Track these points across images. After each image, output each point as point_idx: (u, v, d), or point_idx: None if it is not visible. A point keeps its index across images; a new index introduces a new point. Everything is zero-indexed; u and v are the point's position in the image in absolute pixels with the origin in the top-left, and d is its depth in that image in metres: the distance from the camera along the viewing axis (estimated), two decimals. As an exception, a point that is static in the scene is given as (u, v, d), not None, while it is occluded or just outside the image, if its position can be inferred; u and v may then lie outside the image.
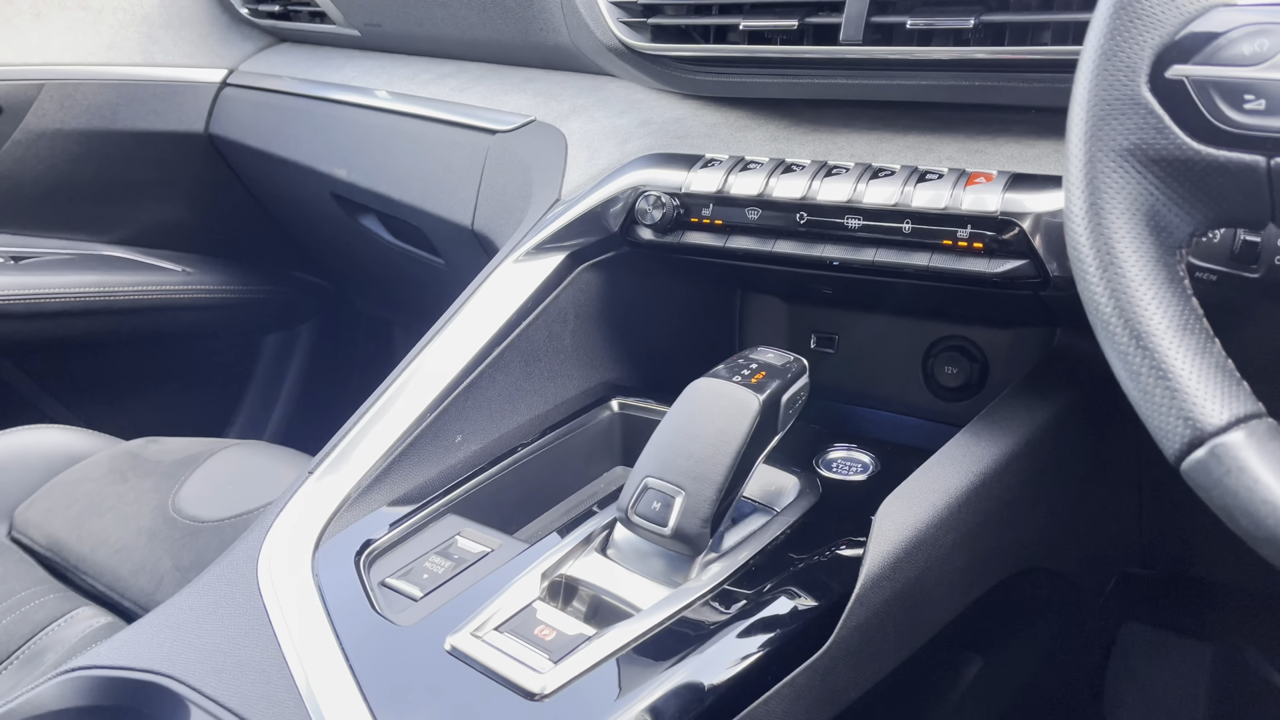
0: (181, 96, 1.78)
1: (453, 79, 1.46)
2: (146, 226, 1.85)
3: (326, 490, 0.84)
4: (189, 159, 1.82)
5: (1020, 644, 1.14)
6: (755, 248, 0.98)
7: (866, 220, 0.92)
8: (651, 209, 1.00)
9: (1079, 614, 1.24)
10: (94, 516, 1.23)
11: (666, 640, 0.70)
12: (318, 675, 0.67)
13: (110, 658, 0.70)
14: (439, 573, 0.78)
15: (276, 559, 0.78)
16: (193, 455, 1.32)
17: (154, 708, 0.67)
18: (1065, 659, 1.27)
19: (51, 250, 1.77)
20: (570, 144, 1.17)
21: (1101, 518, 1.14)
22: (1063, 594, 1.16)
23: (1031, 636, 1.16)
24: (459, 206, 1.33)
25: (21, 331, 1.65)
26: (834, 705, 0.76)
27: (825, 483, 0.90)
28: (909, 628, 0.82)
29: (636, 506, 0.77)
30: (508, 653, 0.69)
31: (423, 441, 0.90)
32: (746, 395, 0.79)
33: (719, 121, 1.10)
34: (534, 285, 1.02)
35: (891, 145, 0.98)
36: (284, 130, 1.67)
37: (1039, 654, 1.19)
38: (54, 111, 1.68)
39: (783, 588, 0.76)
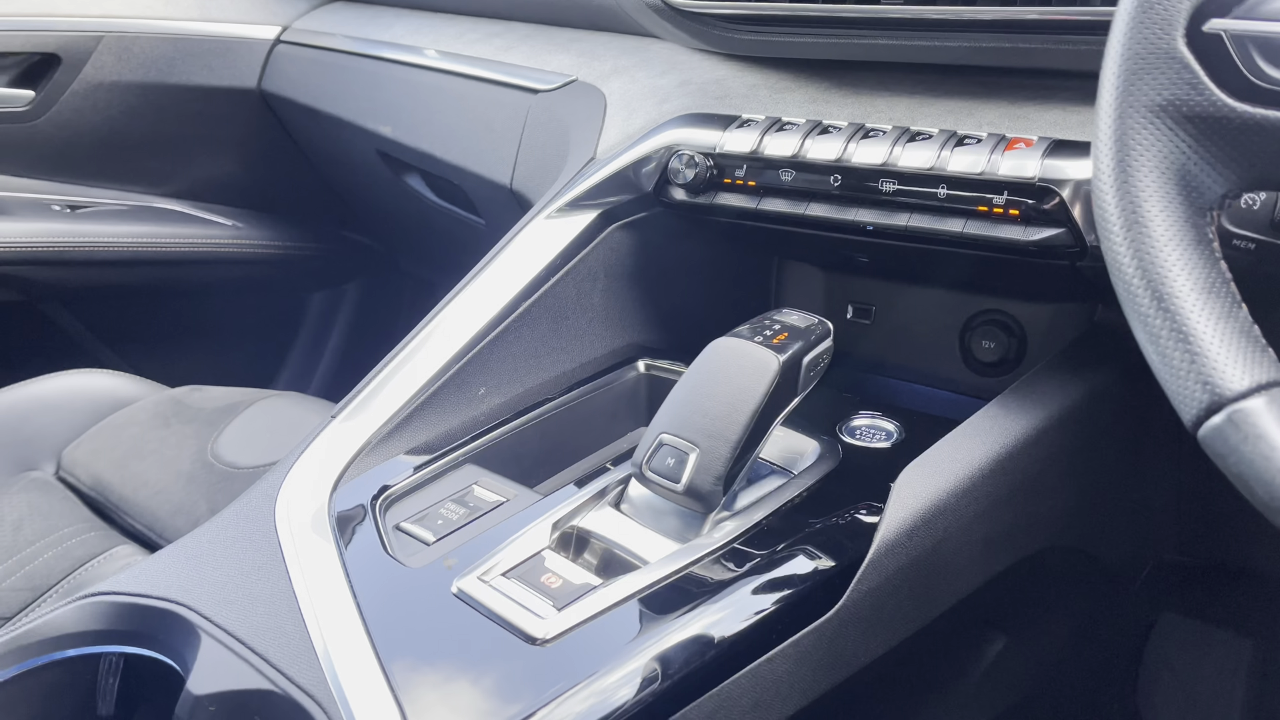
0: (235, 52, 1.80)
1: (499, 38, 1.46)
2: (198, 180, 1.89)
3: (348, 434, 0.86)
4: (241, 114, 1.84)
5: (1047, 625, 1.12)
6: (788, 210, 0.96)
7: (901, 184, 0.90)
8: (684, 168, 0.99)
9: (1112, 599, 1.21)
10: (136, 459, 1.26)
11: (672, 593, 0.70)
12: (325, 610, 0.68)
13: (128, 585, 0.72)
14: (453, 519, 0.79)
15: (294, 498, 0.79)
16: (233, 404, 1.35)
17: (167, 634, 0.69)
18: (1097, 644, 1.24)
19: (107, 201, 1.81)
20: (609, 103, 1.17)
21: (1137, 501, 1.12)
22: (1094, 576, 1.14)
23: (1059, 617, 1.14)
24: (499, 165, 1.34)
25: (77, 278, 1.70)
26: (841, 670, 0.75)
27: (847, 449, 0.89)
28: (924, 597, 0.81)
29: (651, 462, 0.77)
30: (513, 598, 0.69)
31: (446, 392, 0.91)
32: (767, 355, 0.78)
33: (758, 83, 1.08)
34: (564, 242, 1.01)
35: (932, 109, 0.96)
36: (333, 87, 1.69)
37: (1067, 636, 1.17)
38: (112, 64, 1.72)
39: (795, 549, 0.75)
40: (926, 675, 0.95)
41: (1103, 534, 1.07)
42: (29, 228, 1.63)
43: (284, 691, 0.62)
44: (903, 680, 0.90)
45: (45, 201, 1.73)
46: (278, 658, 0.64)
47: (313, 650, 0.65)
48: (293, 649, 0.65)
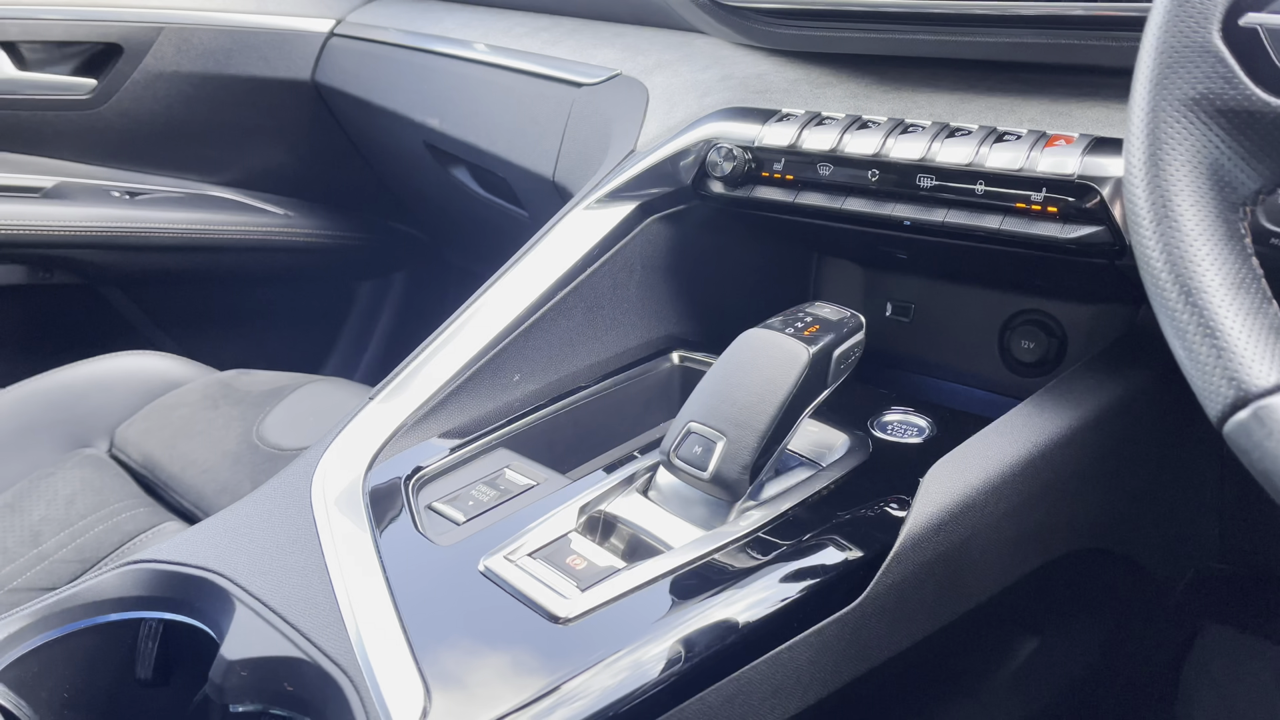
0: (291, 45, 1.84)
1: (546, 33, 1.48)
2: (252, 170, 1.93)
3: (384, 416, 0.87)
4: (295, 106, 1.88)
5: (1081, 629, 1.11)
6: (825, 204, 0.96)
7: (939, 180, 0.90)
8: (722, 161, 1.00)
9: (1150, 606, 1.19)
10: (185, 439, 1.30)
11: (696, 579, 0.71)
12: (356, 584, 0.70)
13: (169, 553, 0.74)
14: (483, 500, 0.80)
15: (330, 476, 0.81)
16: (279, 388, 1.38)
17: (204, 601, 0.71)
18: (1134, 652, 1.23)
19: (164, 188, 1.86)
20: (651, 97, 1.18)
21: (1177, 506, 1.10)
22: (1131, 582, 1.12)
23: (1094, 622, 1.12)
24: (542, 158, 1.35)
25: (133, 263, 1.75)
26: (864, 661, 0.76)
27: (877, 443, 0.89)
28: (950, 593, 0.81)
29: (678, 450, 0.78)
30: (538, 577, 0.70)
31: (481, 377, 0.92)
32: (797, 347, 0.79)
33: (799, 78, 1.09)
34: (602, 233, 1.02)
35: (973, 106, 0.95)
36: (384, 80, 1.72)
37: (1102, 642, 1.15)
38: (171, 54, 1.76)
39: (820, 540, 0.76)
40: (953, 673, 0.95)
41: (1141, 539, 1.06)
42: (90, 212, 1.68)
43: (313, 660, 0.64)
44: (928, 677, 0.90)
45: (105, 188, 1.78)
46: (308, 627, 0.66)
47: (342, 622, 0.66)
48: (323, 620, 0.67)
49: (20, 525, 1.17)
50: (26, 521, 1.17)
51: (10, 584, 1.08)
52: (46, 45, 1.70)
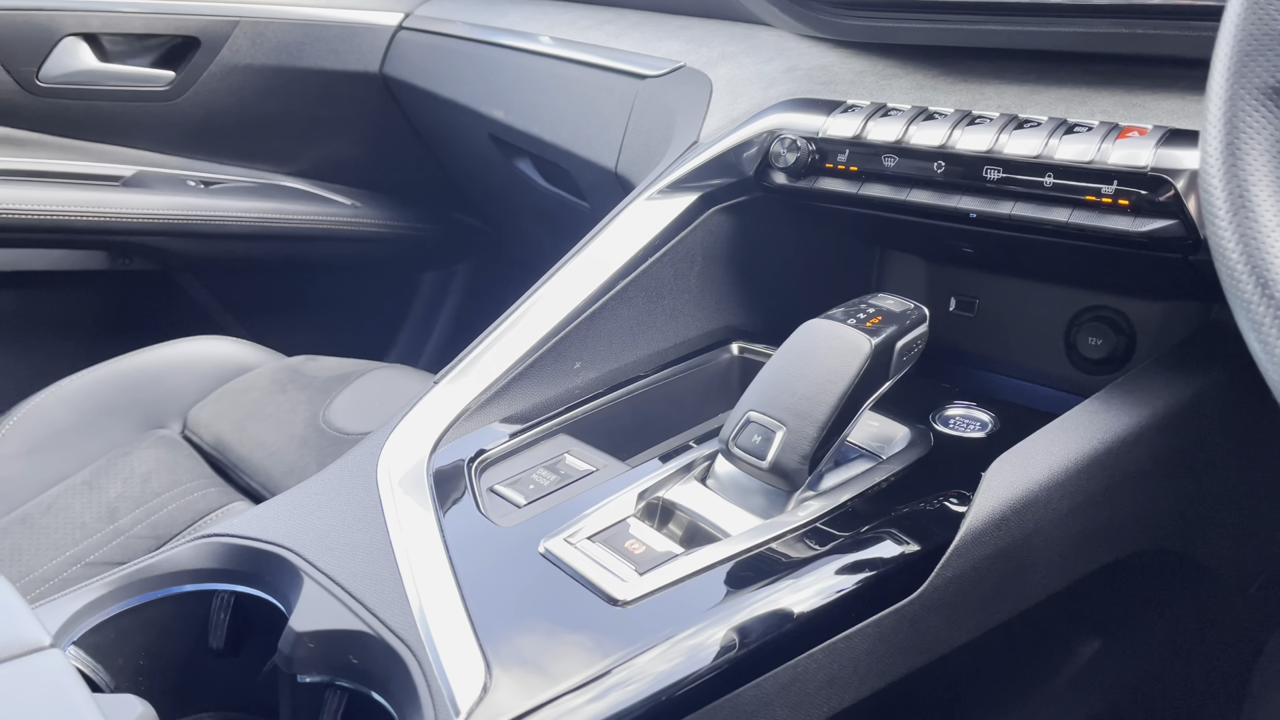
0: (361, 38, 1.88)
1: (610, 25, 1.49)
2: (321, 160, 1.97)
3: (448, 400, 0.89)
4: (363, 98, 1.92)
5: (1146, 631, 1.08)
6: (889, 196, 0.96)
7: (1006, 172, 0.88)
8: (786, 152, 0.99)
9: (1220, 610, 1.17)
10: (255, 422, 1.33)
11: (753, 566, 0.71)
12: (420, 562, 0.71)
13: (240, 528, 0.76)
14: (544, 485, 0.81)
15: (396, 457, 0.83)
16: (345, 374, 1.41)
17: (273, 575, 0.73)
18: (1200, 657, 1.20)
19: (237, 178, 1.91)
20: (715, 88, 1.18)
21: (1249, 508, 1.07)
22: (1200, 585, 1.10)
23: (1159, 625, 1.10)
24: (604, 149, 1.36)
25: (207, 250, 1.79)
26: (922, 654, 0.75)
27: (939, 437, 0.88)
28: (1011, 589, 0.80)
29: (737, 439, 0.78)
30: (597, 560, 0.71)
31: (543, 364, 0.93)
32: (859, 338, 0.78)
33: (865, 69, 1.08)
34: (664, 223, 1.03)
35: (1043, 97, 0.94)
36: (450, 72, 1.74)
37: (1167, 646, 1.13)
38: (246, 47, 1.81)
39: (878, 532, 0.75)
40: (1012, 672, 0.94)
41: (1210, 540, 1.03)
42: (166, 201, 1.73)
43: (377, 634, 0.66)
44: (986, 675, 0.89)
45: (182, 177, 1.83)
46: (373, 603, 0.68)
47: (406, 598, 0.68)
48: (387, 595, 0.68)
49: (98, 502, 1.21)
50: (104, 498, 1.21)
51: (87, 558, 1.12)
52: (127, 38, 1.76)
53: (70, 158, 1.76)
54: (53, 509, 1.20)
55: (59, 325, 1.79)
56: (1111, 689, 1.08)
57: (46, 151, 1.74)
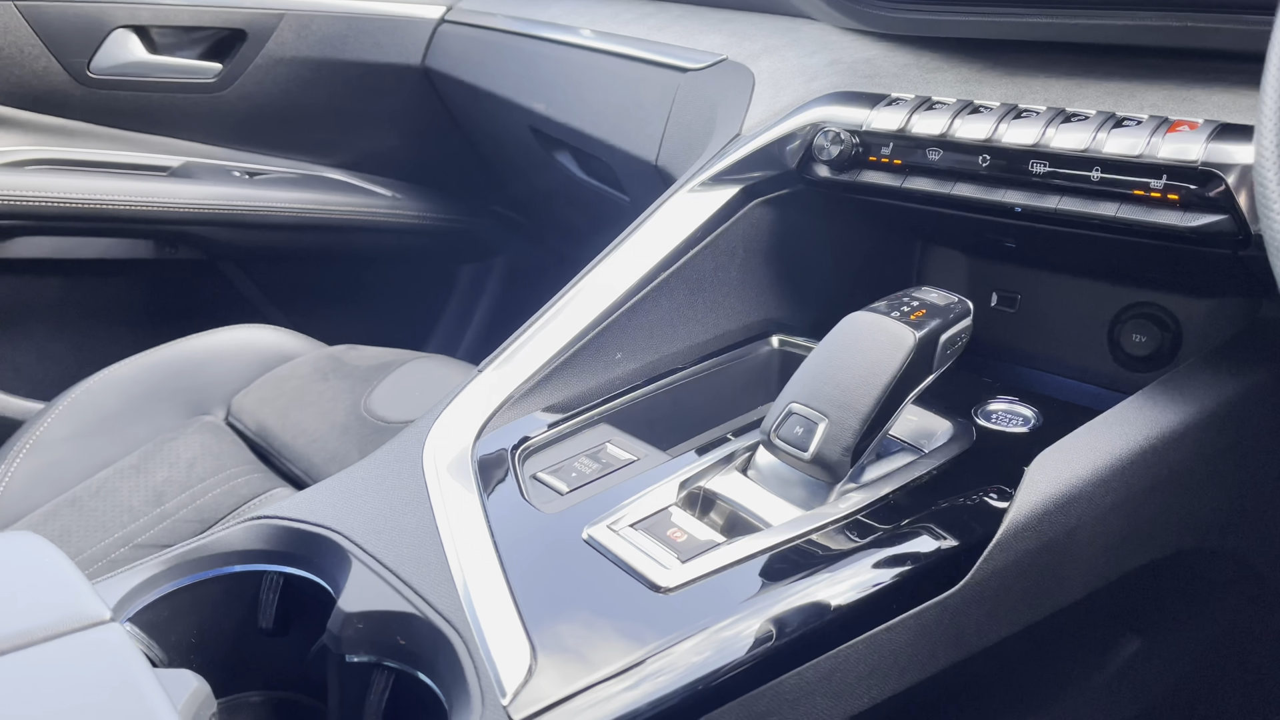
0: (404, 31, 1.90)
1: (652, 19, 1.49)
2: (363, 152, 1.99)
3: (492, 388, 0.90)
4: (405, 90, 1.94)
5: (1190, 632, 1.07)
6: (933, 189, 0.96)
7: (1053, 166, 0.88)
8: (829, 145, 0.99)
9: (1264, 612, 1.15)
10: (297, 409, 1.35)
11: (795, 556, 0.72)
12: (465, 546, 0.72)
13: (290, 511, 0.78)
14: (586, 473, 0.82)
15: (441, 444, 0.84)
16: (386, 363, 1.43)
17: (322, 557, 0.75)
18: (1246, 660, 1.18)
19: (280, 169, 1.93)
20: (758, 81, 1.18)
21: (1296, 509, 1.06)
22: (1247, 586, 1.09)
23: (1204, 626, 1.09)
24: (645, 142, 1.37)
25: (250, 239, 1.82)
26: (962, 648, 0.75)
27: (981, 432, 0.88)
28: (1053, 584, 0.79)
29: (779, 430, 0.79)
30: (639, 547, 0.72)
31: (584, 354, 0.94)
32: (903, 330, 0.78)
33: (909, 63, 1.08)
34: (705, 216, 1.03)
35: (1090, 91, 0.93)
36: (492, 65, 1.75)
37: (1212, 648, 1.12)
38: (291, 40, 1.83)
39: (920, 525, 0.75)
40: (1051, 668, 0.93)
41: (1258, 541, 1.02)
42: (212, 191, 1.76)
43: (424, 616, 0.67)
44: (1026, 670, 0.89)
45: (227, 168, 1.86)
46: (420, 585, 0.69)
47: (452, 581, 0.69)
48: (434, 578, 0.69)
49: (145, 485, 1.23)
50: (151, 482, 1.23)
51: (135, 540, 1.15)
52: (176, 30, 1.78)
53: (119, 148, 1.79)
54: (101, 492, 1.22)
55: (107, 312, 1.83)
56: (1151, 690, 1.07)
57: (96, 142, 1.78)
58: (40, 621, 0.54)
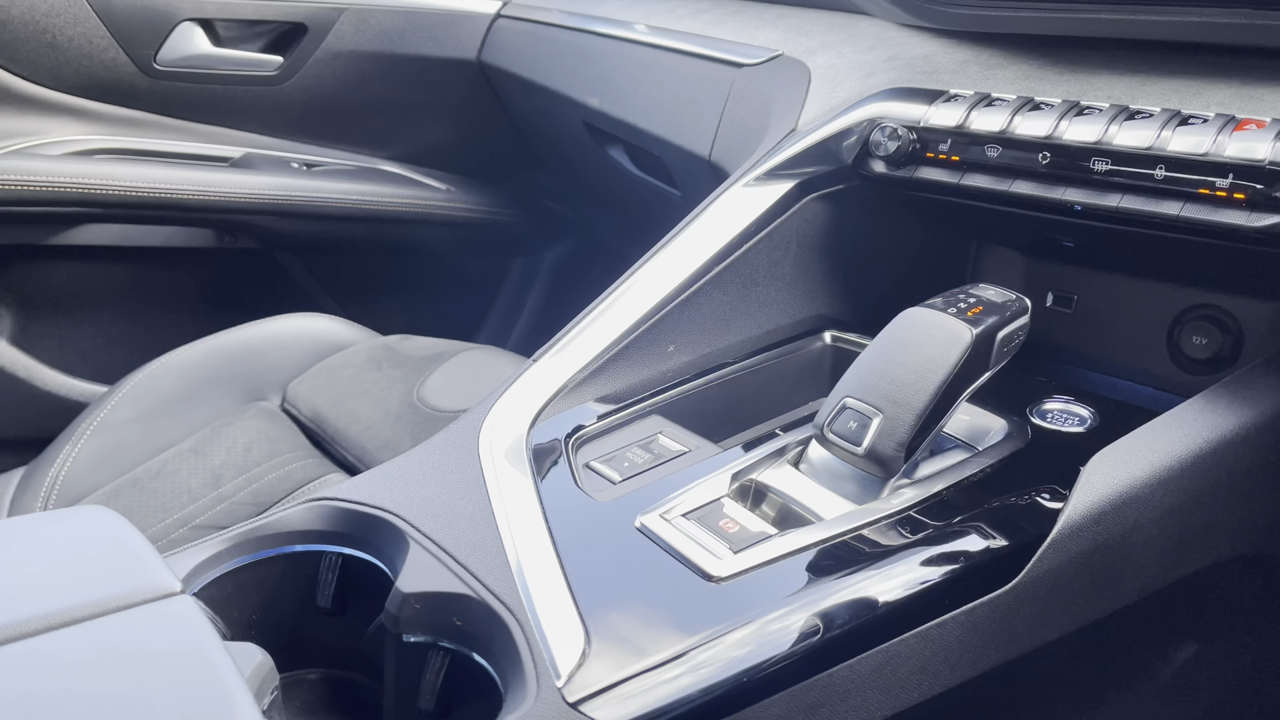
0: (460, 25, 1.92)
1: (707, 14, 1.50)
2: (417, 145, 2.01)
3: (546, 378, 0.91)
4: (460, 84, 1.96)
5: (1245, 638, 1.06)
6: (991, 186, 0.95)
7: (1115, 164, 0.87)
8: (886, 140, 0.99)
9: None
10: (351, 397, 1.37)
11: (847, 550, 0.72)
12: (520, 530, 0.73)
13: (350, 493, 0.80)
14: (638, 463, 0.83)
15: (496, 430, 0.85)
16: (439, 353, 1.44)
17: (380, 539, 0.76)
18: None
19: (337, 161, 1.96)
20: (814, 77, 1.18)
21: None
22: (1304, 594, 1.07)
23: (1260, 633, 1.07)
24: (699, 137, 1.37)
25: (307, 230, 1.85)
26: (1014, 647, 0.75)
27: (1036, 431, 0.87)
28: (1107, 586, 0.79)
29: (833, 424, 0.79)
30: (691, 537, 0.72)
31: (637, 346, 0.95)
32: (960, 327, 0.78)
33: (969, 59, 1.07)
34: (760, 210, 1.03)
35: (1154, 89, 0.92)
36: (546, 60, 1.76)
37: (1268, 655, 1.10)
38: (350, 34, 1.86)
39: (972, 523, 0.75)
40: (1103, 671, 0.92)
41: (1317, 549, 1.00)
42: (271, 181, 1.79)
43: (480, 597, 0.68)
44: (1078, 672, 0.88)
45: (286, 159, 1.89)
46: (476, 567, 0.70)
47: (507, 564, 0.70)
48: (490, 561, 0.71)
49: (203, 469, 1.26)
50: (209, 465, 1.26)
51: (193, 521, 1.17)
52: (239, 24, 1.82)
53: (182, 139, 1.83)
54: (161, 474, 1.25)
55: (169, 299, 1.87)
56: (1205, 698, 1.05)
57: (161, 132, 1.82)
58: (115, 592, 0.56)
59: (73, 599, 0.55)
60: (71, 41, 1.70)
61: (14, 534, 0.62)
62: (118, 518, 0.64)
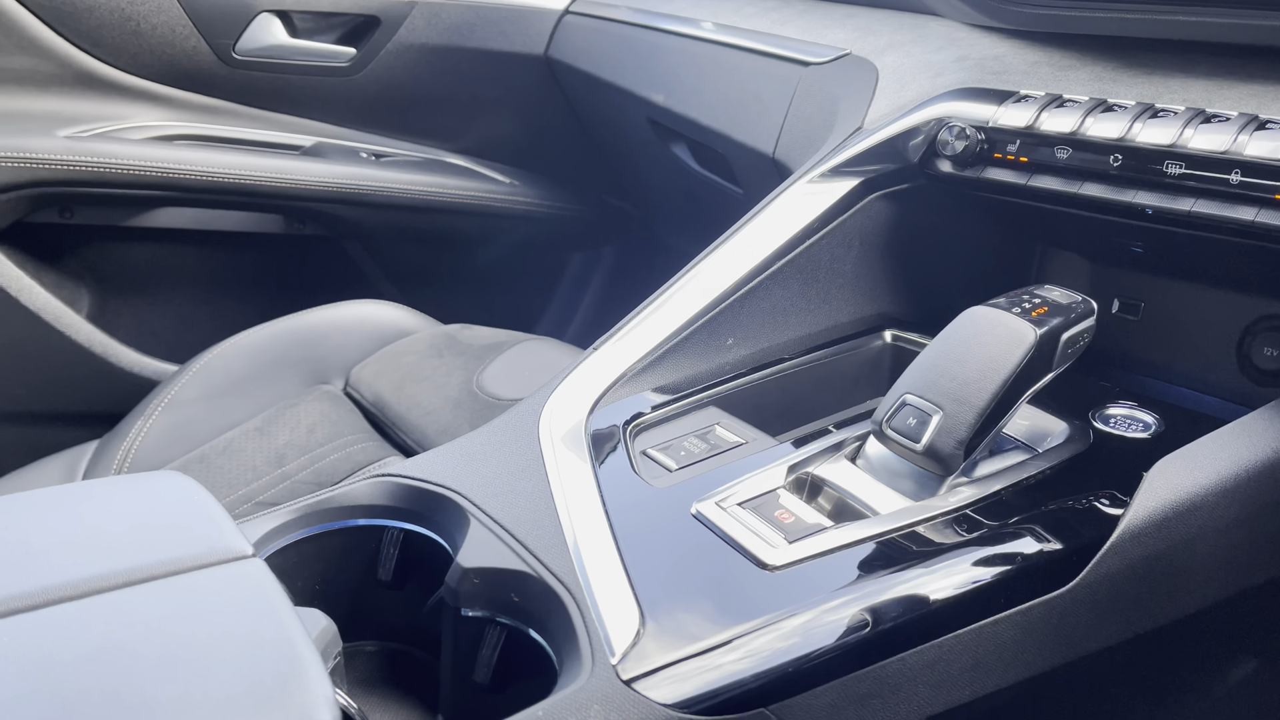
0: (528, 20, 1.94)
1: (775, 13, 1.50)
2: (483, 139, 2.04)
3: (606, 366, 0.92)
4: (527, 79, 1.98)
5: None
6: (1060, 188, 0.94)
7: (1189, 168, 0.86)
8: (954, 140, 0.99)
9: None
10: (412, 383, 1.40)
11: (902, 545, 0.72)
12: (578, 512, 0.74)
13: (412, 470, 0.82)
14: (695, 452, 0.84)
15: (556, 415, 0.87)
16: (498, 343, 1.47)
17: (441, 515, 0.78)
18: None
19: (405, 152, 2.00)
20: (881, 76, 1.18)
21: None
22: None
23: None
24: (763, 134, 1.37)
25: (374, 219, 1.89)
26: (1069, 649, 0.74)
27: (1099, 435, 0.86)
28: (1166, 595, 0.78)
29: (892, 420, 0.79)
30: (747, 525, 0.73)
31: (696, 338, 0.96)
32: (1023, 326, 0.78)
33: (1041, 60, 1.06)
34: (823, 207, 1.04)
35: (1232, 92, 0.91)
36: (613, 56, 1.78)
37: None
38: (422, 27, 1.89)
39: (1030, 524, 0.75)
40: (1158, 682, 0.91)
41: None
42: (340, 170, 1.83)
43: (538, 575, 0.69)
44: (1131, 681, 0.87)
45: (355, 149, 1.93)
46: (535, 546, 0.71)
47: (565, 544, 0.71)
48: (548, 541, 0.72)
49: (267, 448, 1.29)
50: (273, 444, 1.29)
51: (257, 498, 1.20)
52: (315, 15, 1.86)
53: (257, 126, 1.88)
54: (227, 451, 1.29)
55: (239, 282, 1.92)
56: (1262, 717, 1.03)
57: (237, 120, 1.87)
58: (191, 552, 0.58)
59: (151, 557, 0.57)
60: (155, 30, 1.76)
61: (97, 495, 0.64)
62: (193, 483, 0.66)
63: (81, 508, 0.62)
